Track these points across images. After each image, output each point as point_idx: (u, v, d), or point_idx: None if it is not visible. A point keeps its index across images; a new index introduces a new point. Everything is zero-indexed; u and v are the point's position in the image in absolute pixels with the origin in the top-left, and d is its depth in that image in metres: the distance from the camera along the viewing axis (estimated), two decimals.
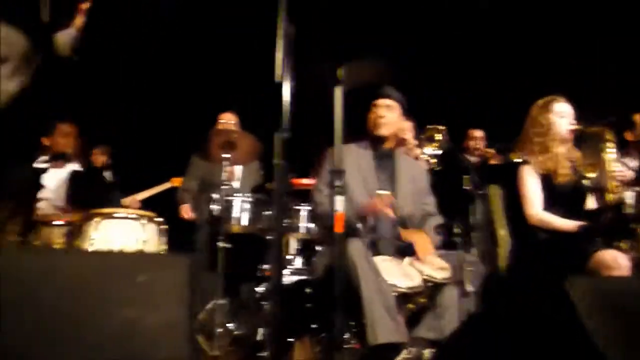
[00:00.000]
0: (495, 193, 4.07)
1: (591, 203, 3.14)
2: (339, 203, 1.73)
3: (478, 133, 4.82)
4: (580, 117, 3.11)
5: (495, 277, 3.66)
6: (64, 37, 3.06)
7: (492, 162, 4.54)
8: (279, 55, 1.76)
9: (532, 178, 3.00)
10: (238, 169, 4.22)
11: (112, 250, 2.97)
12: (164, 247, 3.38)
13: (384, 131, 3.01)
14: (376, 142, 3.04)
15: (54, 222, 3.53)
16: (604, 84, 4.79)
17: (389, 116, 3.01)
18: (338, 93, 1.74)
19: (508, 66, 5.11)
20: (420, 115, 3.63)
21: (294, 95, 1.73)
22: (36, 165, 3.68)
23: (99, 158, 5.07)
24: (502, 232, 4.12)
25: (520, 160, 3.08)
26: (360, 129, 3.05)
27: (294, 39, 1.66)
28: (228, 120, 4.21)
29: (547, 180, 2.97)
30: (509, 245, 3.19)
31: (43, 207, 3.88)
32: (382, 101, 3.00)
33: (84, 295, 0.94)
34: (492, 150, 4.59)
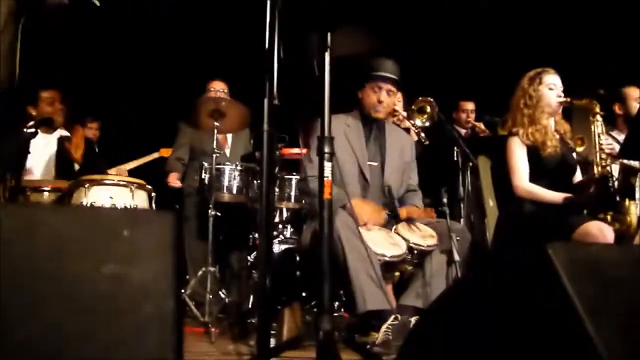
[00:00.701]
0: (484, 164, 4.11)
1: (579, 175, 3.18)
2: (327, 170, 1.74)
3: (469, 105, 4.81)
4: (569, 89, 3.11)
5: (482, 246, 3.72)
6: None
7: (482, 134, 4.56)
8: (268, 23, 1.75)
9: (519, 149, 3.01)
10: (228, 137, 4.20)
11: (97, 206, 2.97)
12: None
13: (381, 115, 3.04)
14: (367, 114, 3.05)
15: (42, 188, 3.52)
16: (594, 57, 4.79)
17: (389, 100, 3.03)
18: (326, 60, 1.73)
19: (499, 37, 5.09)
20: (410, 85, 3.62)
21: (282, 62, 1.72)
22: (24, 131, 3.65)
23: (91, 132, 5.03)
24: (491, 203, 4.17)
25: (508, 132, 3.10)
26: (348, 98, 3.05)
27: (283, 7, 1.65)
28: (218, 88, 4.17)
29: (535, 152, 2.98)
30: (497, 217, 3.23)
31: (32, 172, 3.86)
32: (384, 85, 2.99)
33: (69, 251, 0.95)
34: (481, 124, 4.60)
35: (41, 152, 3.92)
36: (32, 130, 3.37)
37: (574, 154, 3.22)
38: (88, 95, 4.94)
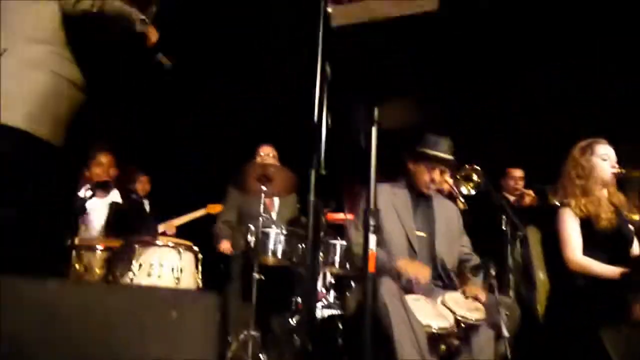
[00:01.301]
0: (534, 235, 3.99)
1: (637, 248, 3.05)
2: (373, 242, 1.73)
3: (518, 173, 4.75)
4: (622, 160, 3.04)
5: (532, 322, 3.56)
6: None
7: (531, 203, 4.46)
8: (317, 93, 1.79)
9: (572, 221, 2.93)
10: (275, 201, 4.26)
11: (148, 285, 3.01)
12: (199, 276, 3.42)
13: (432, 192, 3.08)
14: (417, 188, 3.07)
15: (95, 247, 3.61)
16: None
17: (441, 179, 3.07)
18: (373, 134, 1.76)
19: (549, 106, 5.06)
20: (458, 152, 3.61)
21: (330, 133, 1.76)
22: (80, 194, 3.79)
23: (140, 185, 5.17)
24: (542, 276, 4.03)
25: (560, 202, 3.03)
26: (392, 168, 3.07)
27: (332, 78, 1.69)
28: (267, 153, 4.27)
29: (588, 224, 2.89)
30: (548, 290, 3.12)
31: (85, 233, 3.98)
32: (438, 166, 3.02)
33: (117, 330, 0.97)
34: (531, 192, 4.51)
35: (93, 214, 4.05)
36: (90, 193, 3.50)
37: (631, 226, 3.10)
38: (139, 150, 5.10)
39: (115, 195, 4.27)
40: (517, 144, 5.08)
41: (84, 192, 3.45)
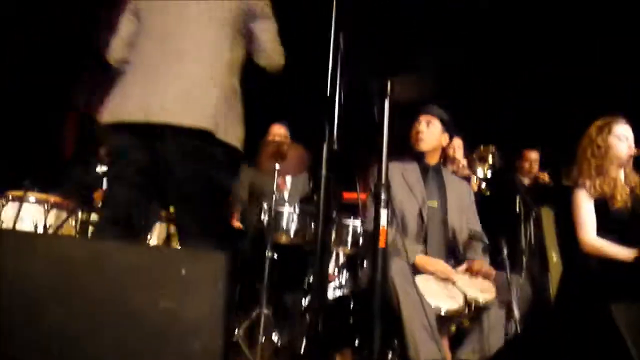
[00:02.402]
0: (548, 216, 3.95)
1: None
2: (383, 217, 1.73)
3: (533, 155, 4.69)
4: None
5: (544, 302, 3.55)
6: None
7: (545, 184, 4.42)
8: (330, 68, 1.78)
9: (586, 202, 2.89)
10: (287, 179, 4.26)
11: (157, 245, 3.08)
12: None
13: (423, 146, 3.03)
14: (420, 157, 3.06)
15: None
16: None
17: (429, 131, 3.03)
18: (386, 107, 1.74)
19: (567, 84, 4.99)
20: (473, 132, 3.58)
21: (342, 108, 1.74)
22: (98, 169, 3.83)
23: None
24: (555, 257, 4.00)
25: (574, 182, 2.99)
26: (405, 145, 3.07)
27: (344, 54, 1.68)
28: (279, 131, 4.27)
29: (603, 205, 2.86)
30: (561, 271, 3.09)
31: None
32: (422, 117, 3.04)
33: (130, 285, 1.01)
34: (545, 174, 4.46)
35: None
36: (105, 167, 3.53)
37: None
38: None
39: None
40: (534, 125, 5.03)
41: (100, 168, 3.48)
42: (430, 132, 3.03)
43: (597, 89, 4.77)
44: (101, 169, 3.56)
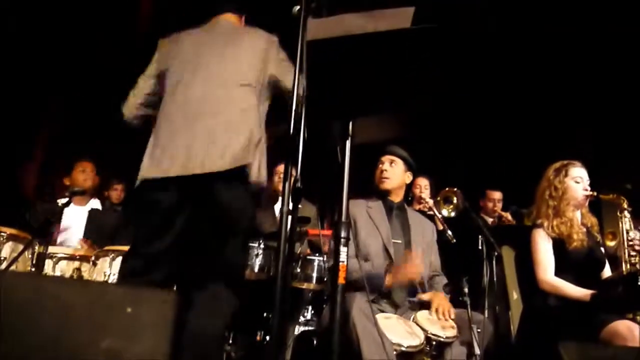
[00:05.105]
0: (509, 255, 4.03)
1: (608, 271, 3.09)
2: (343, 255, 1.74)
3: (496, 195, 4.80)
4: (595, 183, 3.09)
5: (504, 340, 3.58)
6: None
7: (507, 223, 4.51)
8: (294, 109, 1.81)
9: (545, 242, 2.97)
10: None
11: (106, 282, 3.03)
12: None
13: (387, 185, 3.12)
14: (384, 195, 3.13)
15: (68, 255, 3.59)
16: (620, 151, 4.78)
17: (392, 171, 3.12)
18: (347, 148, 1.78)
19: (526, 127, 5.14)
20: (438, 174, 3.65)
21: (305, 147, 1.77)
22: (59, 201, 3.78)
23: (115, 193, 5.14)
24: (515, 295, 4.06)
25: (533, 222, 3.07)
26: (369, 185, 3.14)
27: (307, 95, 1.71)
28: None
29: (561, 245, 2.93)
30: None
31: (61, 241, 3.95)
32: (385, 157, 3.14)
33: (72, 323, 0.99)
34: (508, 214, 4.56)
35: (71, 221, 4.02)
36: (65, 200, 3.49)
37: (602, 249, 3.15)
38: (115, 158, 5.07)
39: (95, 203, 4.25)
40: (497, 166, 5.15)
41: (60, 200, 3.43)
42: (394, 172, 3.12)
43: (556, 132, 4.93)
44: (61, 201, 3.51)
